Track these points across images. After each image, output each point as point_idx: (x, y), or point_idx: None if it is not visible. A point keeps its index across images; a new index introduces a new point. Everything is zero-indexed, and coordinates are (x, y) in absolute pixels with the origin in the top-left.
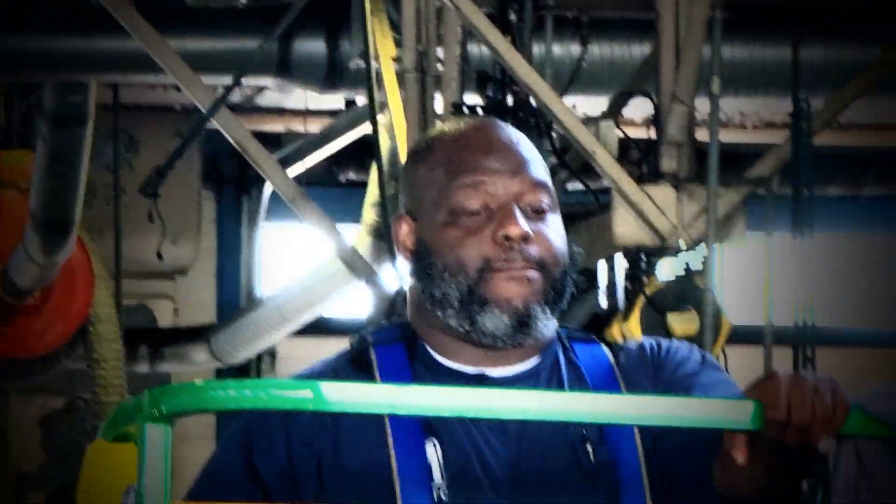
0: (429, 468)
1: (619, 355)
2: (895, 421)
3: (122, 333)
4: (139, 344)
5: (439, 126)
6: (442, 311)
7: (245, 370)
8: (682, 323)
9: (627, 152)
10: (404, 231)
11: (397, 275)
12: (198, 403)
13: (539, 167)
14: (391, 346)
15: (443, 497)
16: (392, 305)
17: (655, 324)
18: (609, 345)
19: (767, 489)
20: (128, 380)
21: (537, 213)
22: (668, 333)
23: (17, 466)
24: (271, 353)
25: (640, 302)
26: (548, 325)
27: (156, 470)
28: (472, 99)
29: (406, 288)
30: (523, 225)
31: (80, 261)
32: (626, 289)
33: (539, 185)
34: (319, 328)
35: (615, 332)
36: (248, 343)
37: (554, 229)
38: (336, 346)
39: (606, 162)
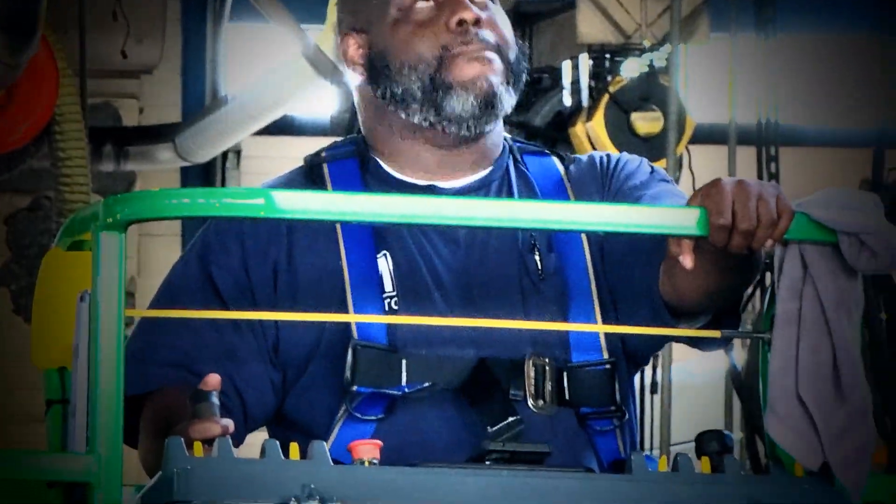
0: (380, 278)
1: (570, 167)
2: (836, 226)
3: (87, 132)
4: (104, 142)
5: None
6: (405, 110)
7: (210, 168)
8: (646, 122)
9: None
10: (353, 47)
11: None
12: (152, 211)
13: None
14: (344, 161)
15: (393, 306)
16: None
17: (619, 122)
18: (560, 156)
19: (712, 295)
20: (93, 178)
21: (481, 4)
22: (632, 132)
23: None
24: (236, 152)
25: (605, 101)
26: (511, 104)
27: (110, 276)
28: None
29: (357, 104)
30: (474, 9)
31: (44, 60)
32: (590, 87)
33: None
34: (284, 127)
35: (579, 130)
36: (213, 141)
37: (500, 16)
38: (301, 145)
39: None
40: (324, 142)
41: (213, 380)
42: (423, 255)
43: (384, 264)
